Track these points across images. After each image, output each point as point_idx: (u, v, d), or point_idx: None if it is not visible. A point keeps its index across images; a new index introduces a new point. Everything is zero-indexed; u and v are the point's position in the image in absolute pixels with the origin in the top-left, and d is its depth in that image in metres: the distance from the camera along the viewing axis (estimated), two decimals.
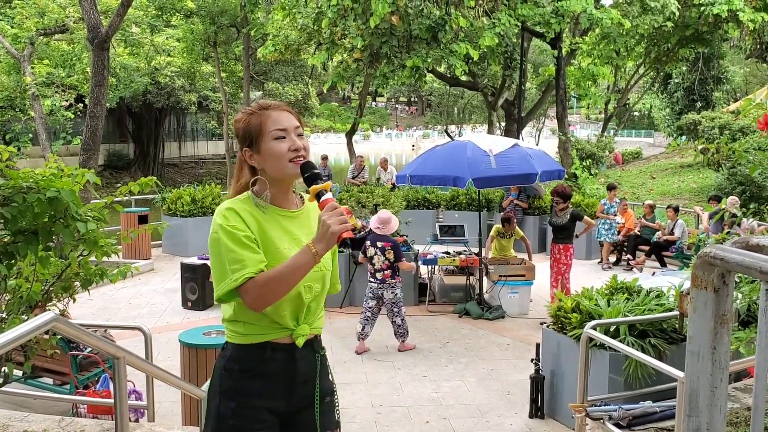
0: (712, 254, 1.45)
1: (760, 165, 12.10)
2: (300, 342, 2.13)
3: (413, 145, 63.31)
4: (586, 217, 8.67)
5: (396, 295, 7.30)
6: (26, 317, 3.55)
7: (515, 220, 9.54)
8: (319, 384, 2.22)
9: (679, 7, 16.46)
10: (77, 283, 4.09)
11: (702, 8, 16.74)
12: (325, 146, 50.30)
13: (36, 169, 3.52)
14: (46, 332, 3.48)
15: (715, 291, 1.47)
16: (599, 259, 12.40)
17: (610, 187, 12.70)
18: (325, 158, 17.12)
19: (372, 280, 7.36)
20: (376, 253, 7.27)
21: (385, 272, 7.25)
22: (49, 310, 3.89)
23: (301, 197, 2.28)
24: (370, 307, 7.37)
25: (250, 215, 2.09)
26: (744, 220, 6.75)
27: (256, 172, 2.16)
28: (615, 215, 11.95)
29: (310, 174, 2.05)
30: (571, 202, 8.94)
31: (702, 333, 1.49)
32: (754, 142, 14.34)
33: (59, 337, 4.79)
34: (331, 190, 2.10)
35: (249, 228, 2.06)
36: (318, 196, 2.00)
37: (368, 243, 7.35)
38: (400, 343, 7.50)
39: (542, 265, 9.61)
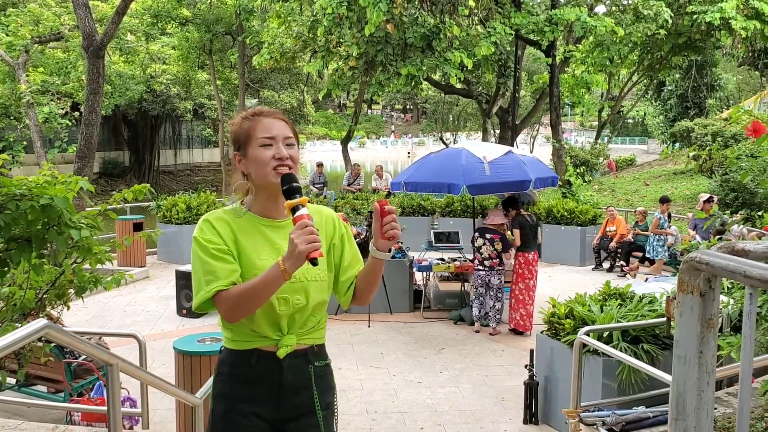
0: (697, 259, 1.46)
1: (751, 171, 12.16)
2: (281, 353, 2.12)
3: (409, 153, 63.41)
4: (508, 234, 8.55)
5: (501, 281, 8.24)
6: (20, 325, 3.55)
7: (506, 225, 9.56)
8: (318, 394, 2.19)
9: (672, 15, 16.56)
10: (71, 291, 4.09)
11: (695, 16, 16.86)
12: (321, 154, 50.35)
13: (29, 177, 3.53)
14: (40, 339, 3.49)
15: (701, 295, 1.49)
16: (593, 265, 12.44)
17: (663, 200, 11.74)
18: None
19: (480, 268, 8.23)
20: (484, 244, 8.17)
21: (494, 260, 8.16)
22: (43, 317, 3.89)
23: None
24: (481, 294, 8.28)
25: (226, 226, 2.10)
26: (735, 226, 6.79)
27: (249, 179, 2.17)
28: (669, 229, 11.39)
29: (288, 187, 2.00)
30: (526, 208, 8.80)
31: (688, 337, 1.50)
32: (746, 149, 14.42)
33: (53, 344, 4.80)
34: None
35: (223, 239, 2.07)
36: (294, 210, 1.95)
37: (476, 234, 8.30)
38: (493, 327, 8.27)
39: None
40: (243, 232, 2.12)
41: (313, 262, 1.89)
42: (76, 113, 21.81)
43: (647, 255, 11.52)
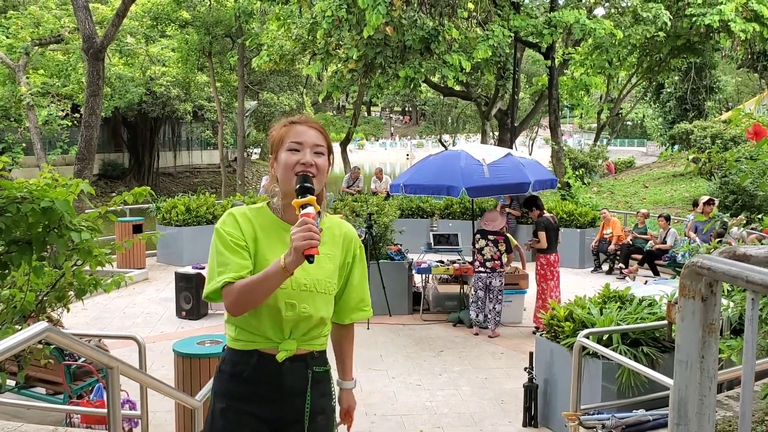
0: (699, 263, 1.46)
1: (750, 174, 12.16)
2: (280, 357, 2.15)
3: (407, 155, 63.41)
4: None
5: (501, 283, 8.24)
6: (20, 327, 3.55)
7: (505, 228, 9.55)
8: (310, 400, 2.22)
9: (671, 17, 16.57)
10: (71, 293, 4.09)
11: (693, 18, 16.88)
12: None
13: (30, 179, 3.53)
14: (40, 342, 3.48)
15: (702, 300, 1.49)
16: (592, 268, 12.45)
17: (697, 204, 11.40)
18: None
19: (481, 269, 8.25)
20: (487, 245, 8.21)
21: (495, 262, 8.20)
22: (43, 319, 3.89)
23: (326, 215, 2.30)
24: (480, 297, 8.28)
25: (249, 223, 2.17)
26: (734, 228, 6.77)
27: None
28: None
29: (301, 186, 2.04)
30: (545, 209, 8.80)
31: (690, 342, 1.51)
32: (746, 152, 14.44)
33: (53, 346, 4.79)
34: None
35: (243, 235, 2.13)
36: (304, 208, 1.99)
37: (478, 236, 8.32)
38: (492, 330, 8.27)
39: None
40: (264, 232, 2.18)
41: (309, 259, 1.91)
42: (77, 115, 21.81)
43: (677, 259, 11.33)
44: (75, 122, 22.16)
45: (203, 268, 9.33)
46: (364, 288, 2.39)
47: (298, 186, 2.05)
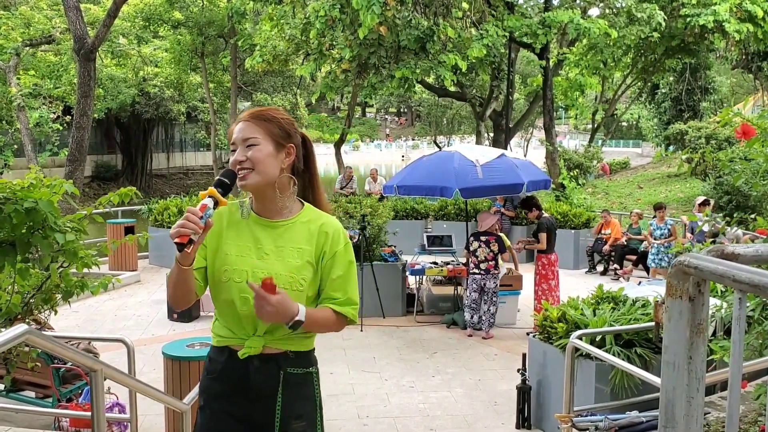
0: (686, 263, 1.43)
1: (744, 174, 12.17)
2: (241, 354, 2.11)
3: (403, 156, 63.36)
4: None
5: (496, 284, 8.22)
6: (3, 330, 3.50)
7: (498, 227, 9.53)
8: (281, 403, 2.14)
9: (666, 17, 16.58)
10: (58, 295, 4.05)
11: (688, 19, 16.87)
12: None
13: (14, 180, 3.48)
14: (26, 345, 3.44)
15: (690, 300, 1.46)
16: (586, 269, 12.43)
17: (658, 207, 11.37)
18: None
19: (476, 271, 8.19)
20: (480, 246, 8.16)
21: (489, 263, 8.15)
22: (29, 321, 3.85)
23: (302, 206, 2.26)
24: (474, 300, 8.23)
25: (220, 219, 2.20)
26: (728, 229, 6.77)
27: None
28: (667, 238, 10.88)
29: (218, 179, 2.10)
30: (543, 209, 8.86)
31: (677, 342, 1.48)
32: (740, 152, 14.46)
33: (41, 349, 4.74)
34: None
35: (213, 231, 2.15)
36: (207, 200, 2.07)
37: (471, 238, 8.28)
38: (486, 331, 8.20)
39: (529, 274, 9.59)
40: (232, 227, 2.19)
41: (179, 247, 1.96)
42: (68, 117, 21.73)
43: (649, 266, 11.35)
44: (67, 124, 22.05)
45: None
46: (346, 286, 2.18)
47: (216, 180, 2.09)
